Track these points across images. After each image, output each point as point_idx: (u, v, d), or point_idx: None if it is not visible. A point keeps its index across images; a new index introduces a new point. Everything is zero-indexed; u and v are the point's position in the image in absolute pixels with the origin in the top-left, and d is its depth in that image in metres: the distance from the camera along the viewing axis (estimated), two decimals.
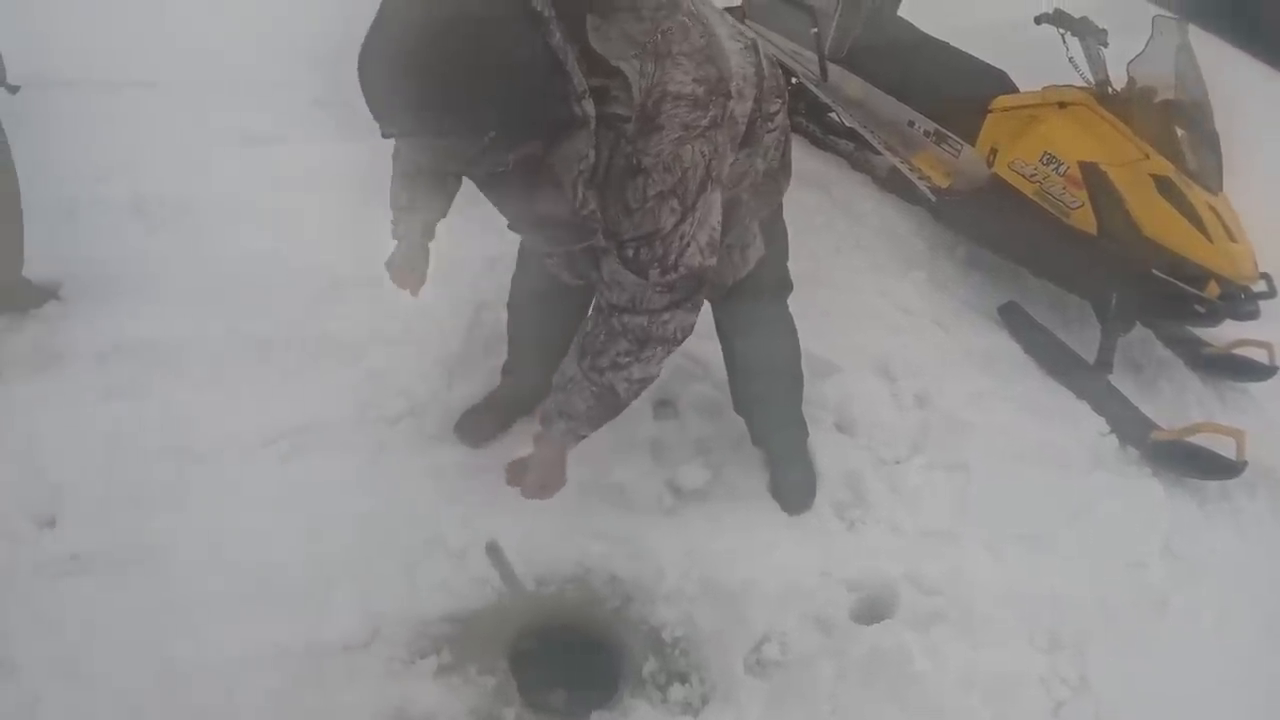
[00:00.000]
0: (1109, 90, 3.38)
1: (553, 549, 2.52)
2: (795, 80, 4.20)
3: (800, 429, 2.80)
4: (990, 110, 3.64)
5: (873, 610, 2.54)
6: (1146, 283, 3.21)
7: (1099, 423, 3.21)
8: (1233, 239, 3.15)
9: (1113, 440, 3.14)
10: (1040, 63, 3.51)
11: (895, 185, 4.17)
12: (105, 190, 3.37)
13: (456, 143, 1.46)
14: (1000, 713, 2.33)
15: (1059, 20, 3.39)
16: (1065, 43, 3.43)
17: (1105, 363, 3.35)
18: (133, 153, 3.53)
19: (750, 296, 2.27)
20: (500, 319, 2.72)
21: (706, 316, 2.36)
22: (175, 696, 2.12)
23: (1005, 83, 3.77)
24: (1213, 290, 3.13)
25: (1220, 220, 3.15)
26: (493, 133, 1.43)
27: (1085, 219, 3.32)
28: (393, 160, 2.15)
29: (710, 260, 1.75)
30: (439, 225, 2.28)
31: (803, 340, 2.59)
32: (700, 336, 2.44)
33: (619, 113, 1.53)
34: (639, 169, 1.57)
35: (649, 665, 2.40)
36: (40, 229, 3.00)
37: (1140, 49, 3.31)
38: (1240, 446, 2.97)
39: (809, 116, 4.48)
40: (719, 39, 1.69)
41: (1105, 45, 3.36)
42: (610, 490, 2.67)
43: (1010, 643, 2.49)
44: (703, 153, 1.60)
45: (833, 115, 4.34)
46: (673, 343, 1.84)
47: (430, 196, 2.20)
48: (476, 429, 2.74)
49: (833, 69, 4.08)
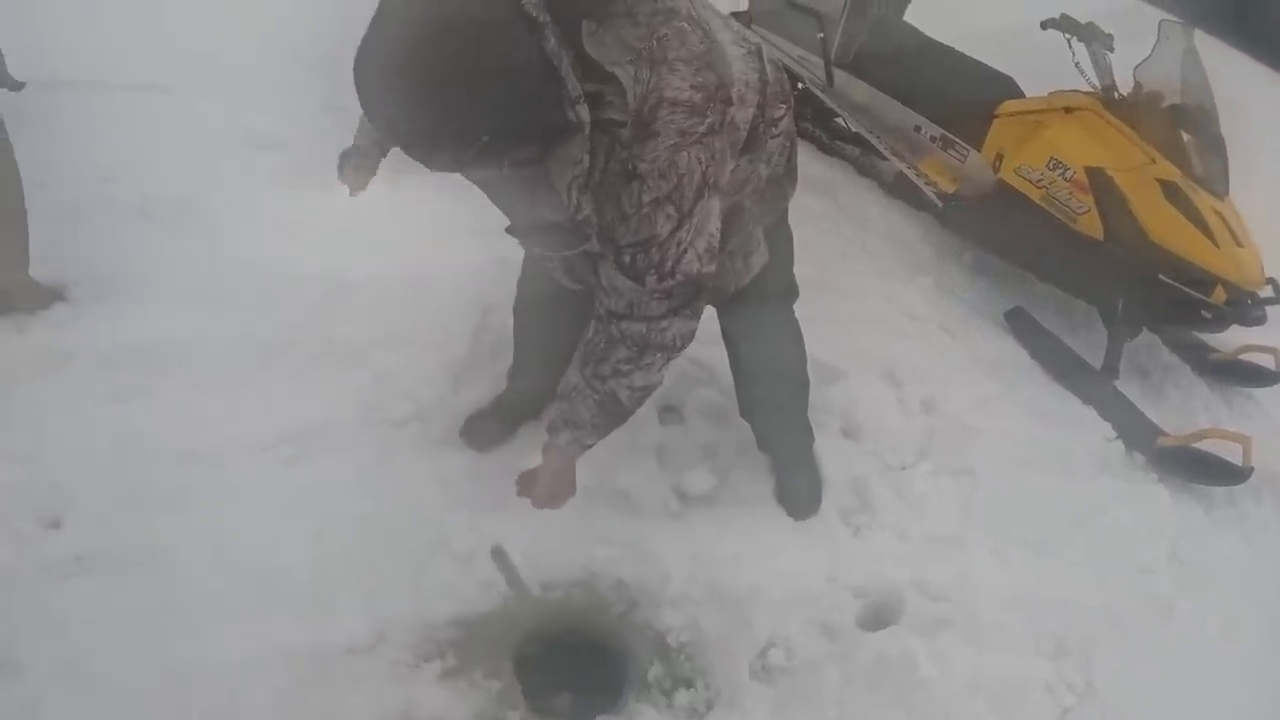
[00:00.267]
0: (1115, 95, 3.38)
1: (558, 553, 2.52)
2: (801, 85, 4.21)
3: (806, 434, 2.79)
4: (996, 115, 3.64)
5: (879, 616, 2.53)
6: (1153, 288, 3.21)
7: (1105, 428, 3.20)
8: (1239, 244, 3.15)
9: (1119, 446, 3.14)
10: (1046, 68, 3.51)
11: (901, 190, 4.17)
12: (112, 192, 3.38)
13: (449, 145, 1.45)
14: (1006, 719, 2.33)
15: (1065, 25, 3.39)
16: (1071, 48, 3.43)
17: (1112, 368, 3.35)
18: (140, 155, 3.53)
19: (755, 302, 2.27)
20: (506, 323, 2.72)
21: (712, 322, 2.36)
22: (179, 698, 2.12)
23: (1011, 88, 3.77)
24: (1219, 295, 3.13)
25: (1226, 225, 3.15)
26: (486, 136, 1.43)
27: (1092, 224, 3.31)
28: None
29: (709, 267, 1.74)
30: (448, 230, 2.28)
31: (808, 345, 2.58)
32: (705, 342, 2.44)
33: (614, 118, 1.52)
34: (634, 175, 1.57)
35: (654, 670, 2.40)
36: (47, 230, 3.01)
37: (1146, 54, 3.32)
38: (1246, 452, 2.97)
39: (815, 122, 4.49)
40: (720, 45, 1.68)
41: (1111, 50, 3.36)
42: (616, 495, 2.67)
43: (1016, 648, 2.48)
44: (699, 159, 1.59)
45: (839, 120, 4.35)
46: (672, 350, 1.83)
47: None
48: (482, 433, 2.74)
49: (839, 74, 4.09)
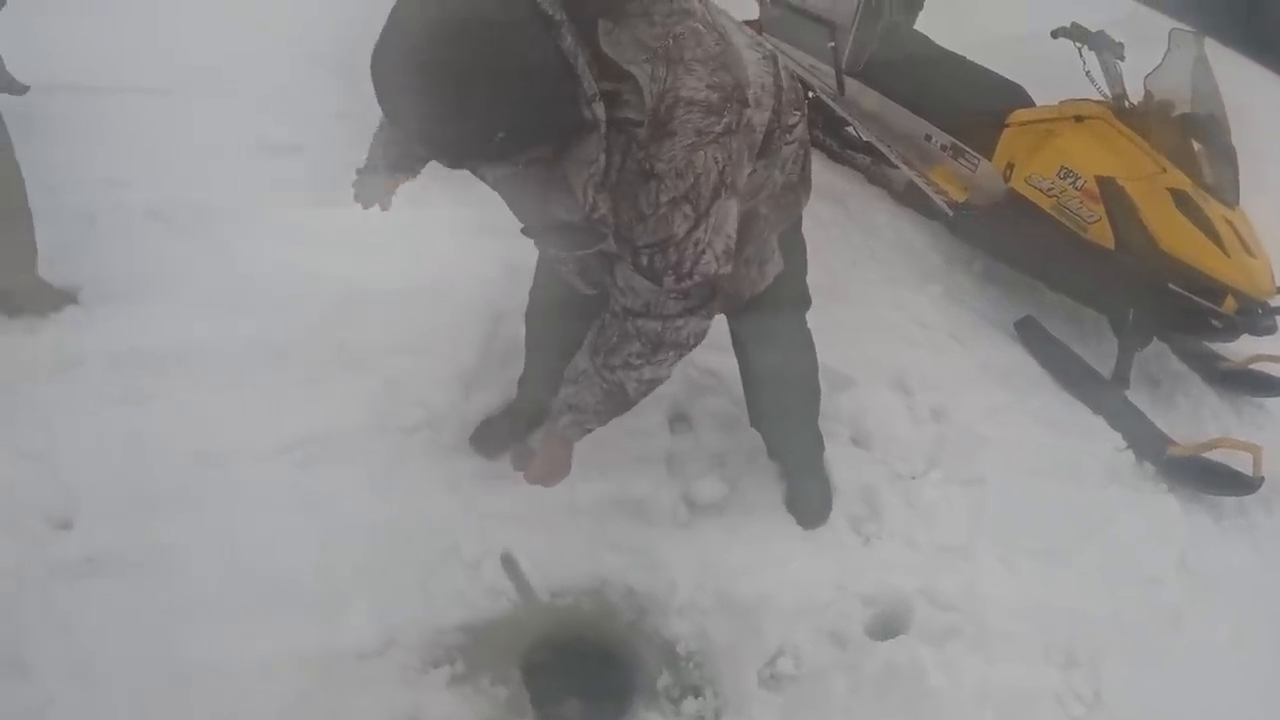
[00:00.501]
0: (1126, 104, 3.38)
1: (568, 561, 2.52)
2: (812, 94, 4.20)
3: (816, 443, 2.79)
4: (1007, 124, 3.64)
5: (887, 625, 2.54)
6: (1163, 297, 3.21)
7: (1115, 438, 3.20)
8: (1250, 253, 3.14)
9: (1129, 455, 3.14)
10: (1057, 76, 3.50)
11: (912, 199, 4.17)
12: (125, 196, 3.39)
13: (465, 142, 1.47)
14: None
15: (1075, 34, 3.39)
16: (1082, 56, 3.43)
17: (1122, 378, 3.34)
18: (153, 160, 3.54)
19: (769, 310, 2.27)
20: (517, 331, 2.72)
21: (722, 329, 2.36)
22: (188, 701, 2.13)
23: (1022, 97, 3.77)
24: (1230, 305, 3.13)
25: (1237, 234, 3.15)
26: (502, 133, 1.44)
27: (1102, 233, 3.31)
28: (380, 123, 2.16)
29: (725, 268, 1.74)
30: (458, 237, 2.29)
31: (819, 354, 2.59)
32: (716, 350, 2.45)
33: (630, 117, 1.53)
34: (651, 174, 1.57)
35: (663, 678, 2.41)
36: (60, 234, 3.02)
37: (1157, 62, 3.31)
38: (1257, 462, 2.96)
39: (826, 130, 4.48)
40: (735, 47, 1.68)
41: (1122, 59, 3.36)
42: (626, 503, 2.67)
43: (1025, 658, 2.48)
44: (716, 159, 1.59)
45: (849, 129, 4.35)
46: (685, 348, 1.84)
47: (406, 163, 2.19)
48: (493, 440, 2.74)
49: (850, 83, 4.09)
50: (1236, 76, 3.58)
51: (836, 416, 2.97)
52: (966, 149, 3.81)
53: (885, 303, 3.63)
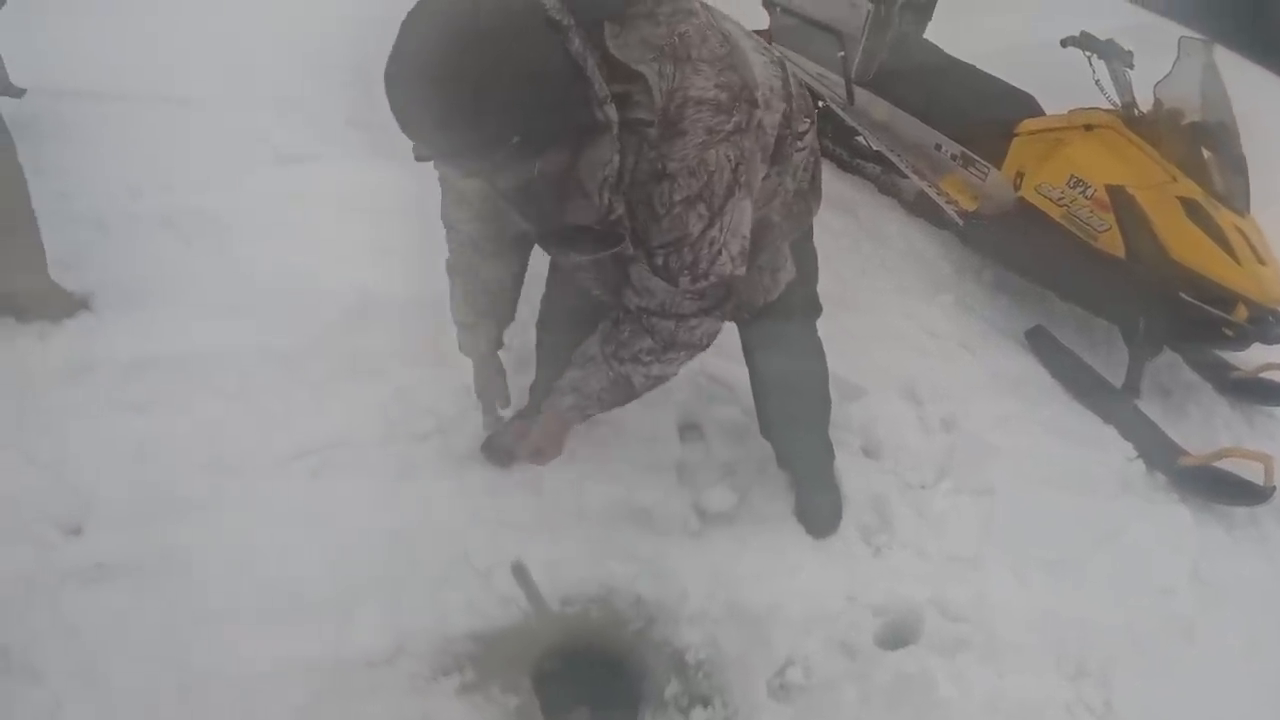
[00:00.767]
0: (1135, 112, 3.38)
1: (578, 569, 2.52)
2: (822, 104, 4.22)
3: (827, 452, 2.79)
4: (1017, 133, 3.65)
5: (897, 635, 2.53)
6: (1174, 306, 3.20)
7: (1126, 448, 3.19)
8: (1261, 261, 3.14)
9: (1140, 465, 3.13)
10: (1066, 85, 3.51)
11: (922, 209, 4.18)
12: (137, 204, 3.40)
13: (480, 149, 1.48)
14: None
15: (1085, 43, 3.39)
16: (1091, 65, 3.43)
17: (1133, 387, 3.34)
18: (166, 167, 3.56)
19: (779, 319, 2.27)
20: (529, 339, 2.72)
21: (733, 339, 2.37)
22: (197, 708, 2.13)
23: (1031, 106, 3.77)
24: (1241, 313, 3.12)
25: (1248, 242, 3.15)
26: (516, 139, 1.46)
27: (1113, 242, 3.31)
28: (448, 272, 2.21)
29: (740, 269, 1.75)
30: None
31: (829, 363, 2.59)
32: (727, 359, 2.46)
33: (642, 117, 1.55)
34: (664, 174, 1.59)
35: (672, 687, 2.40)
36: (71, 240, 3.04)
37: (1166, 71, 3.31)
38: (1269, 472, 2.96)
39: (835, 140, 4.49)
40: (742, 50, 1.70)
41: (1131, 67, 3.36)
42: (636, 512, 2.66)
43: (1036, 669, 2.47)
44: (728, 157, 1.60)
45: (859, 139, 4.36)
46: (698, 348, 1.86)
47: (493, 305, 2.26)
48: (504, 449, 2.74)
49: (859, 92, 4.10)
50: (1246, 84, 3.57)
51: (847, 426, 2.97)
52: (976, 158, 3.81)
53: (896, 312, 3.62)
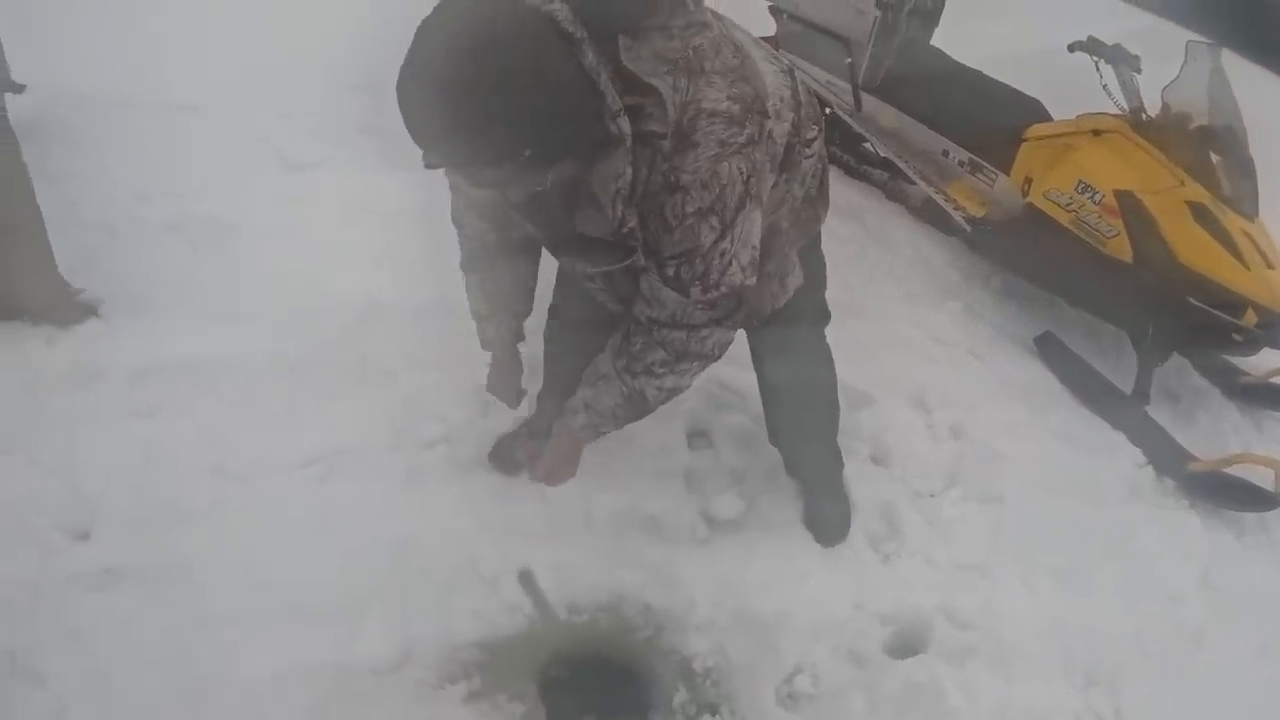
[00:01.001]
0: (1143, 117, 3.37)
1: (586, 577, 2.52)
2: (829, 110, 4.21)
3: (835, 460, 2.78)
4: (1024, 139, 3.64)
5: (906, 644, 2.52)
6: (1183, 311, 3.19)
7: (1135, 454, 3.18)
8: (1269, 266, 3.12)
9: (1149, 472, 3.12)
10: (1074, 90, 3.50)
11: (930, 215, 4.17)
12: (146, 210, 3.42)
13: (494, 161, 1.48)
14: None
15: (1092, 48, 3.38)
16: (1099, 70, 3.42)
17: (1142, 393, 3.33)
18: (174, 173, 3.58)
19: (788, 326, 2.27)
20: (537, 347, 2.72)
21: (742, 347, 2.36)
22: (202, 713, 2.13)
23: (1039, 111, 3.77)
24: (1250, 318, 3.10)
25: (1257, 247, 3.13)
26: (529, 152, 1.46)
27: (1121, 247, 3.30)
28: (462, 269, 2.21)
29: (750, 279, 1.76)
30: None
31: (837, 371, 2.58)
32: (736, 366, 2.45)
33: (655, 130, 1.55)
34: (677, 186, 1.59)
35: (679, 695, 2.39)
36: (80, 247, 3.07)
37: (1174, 75, 3.31)
38: (1279, 477, 2.93)
39: (843, 146, 4.49)
40: (753, 60, 1.71)
41: (1138, 72, 3.35)
42: (644, 520, 2.66)
43: (1045, 677, 2.46)
44: (740, 169, 1.61)
45: (867, 145, 4.36)
46: (710, 358, 1.86)
47: (509, 298, 2.25)
48: (511, 456, 2.74)
49: (866, 99, 4.09)
50: (1254, 87, 3.56)
51: (856, 434, 2.97)
52: (984, 164, 3.81)
53: (904, 319, 3.62)
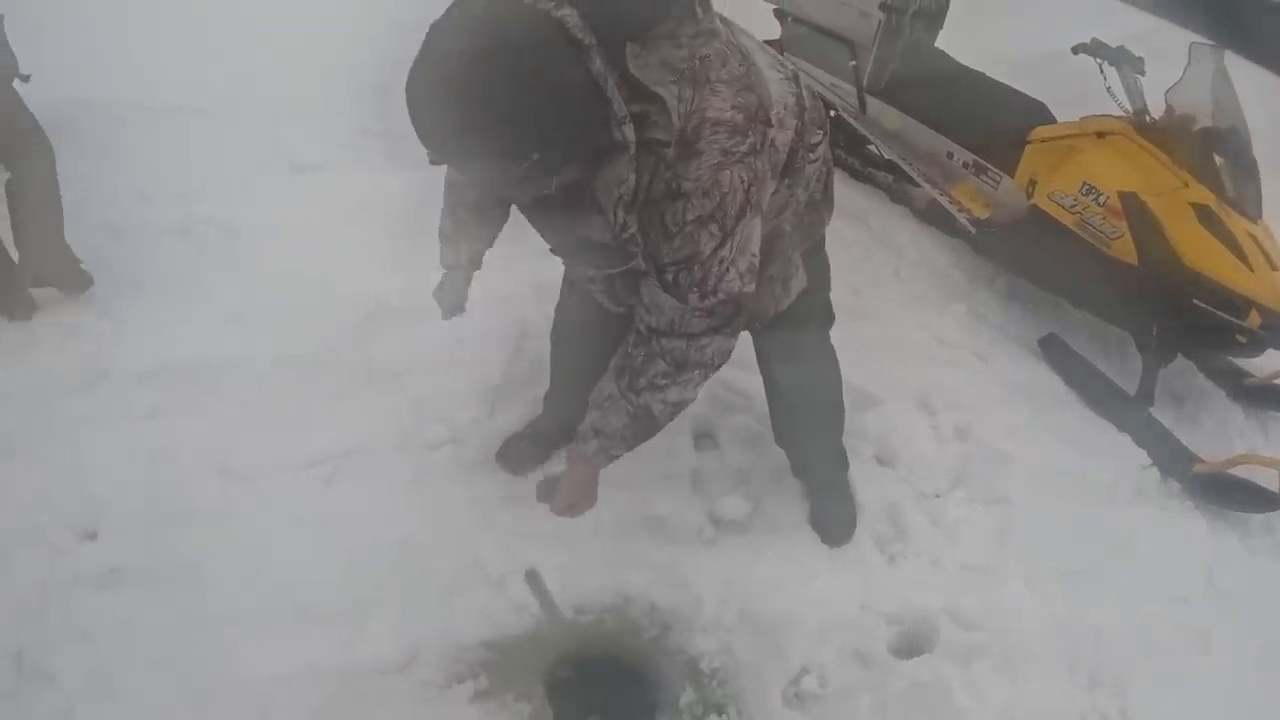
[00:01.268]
0: (1147, 119, 3.37)
1: (592, 577, 2.53)
2: (834, 113, 4.22)
3: (841, 461, 2.79)
4: (1029, 141, 3.64)
5: (912, 644, 2.52)
6: (1187, 313, 3.19)
7: (1140, 455, 3.17)
8: (1274, 267, 3.12)
9: (1154, 473, 3.11)
10: (1078, 93, 3.50)
11: (934, 217, 4.17)
12: (152, 212, 3.45)
13: (499, 166, 1.49)
14: None
15: (1096, 50, 3.38)
16: (1103, 72, 3.42)
17: (1146, 394, 3.32)
18: (180, 176, 3.60)
19: (792, 328, 2.27)
20: (543, 348, 2.74)
21: (748, 348, 2.37)
22: (209, 713, 2.15)
23: (1043, 113, 3.77)
24: (1254, 320, 3.10)
25: (1261, 248, 3.13)
26: (535, 156, 1.47)
27: (1125, 249, 3.30)
28: (444, 193, 2.20)
29: (749, 286, 1.76)
30: (487, 254, 2.32)
31: (842, 372, 2.58)
32: (742, 368, 2.46)
33: (659, 138, 1.55)
34: (678, 193, 1.59)
35: (686, 695, 2.39)
36: (87, 248, 3.10)
37: (1177, 77, 3.30)
38: None
39: (848, 149, 4.49)
40: (759, 68, 1.72)
41: (1142, 74, 3.35)
42: (651, 521, 2.67)
43: (1050, 678, 2.45)
44: (742, 178, 1.61)
45: (871, 147, 4.35)
46: (710, 367, 1.85)
47: (476, 227, 2.24)
48: (518, 457, 2.75)
49: (871, 101, 4.10)
50: (1257, 89, 3.56)
51: (861, 435, 2.97)
52: (989, 166, 3.81)
53: (908, 321, 3.62)
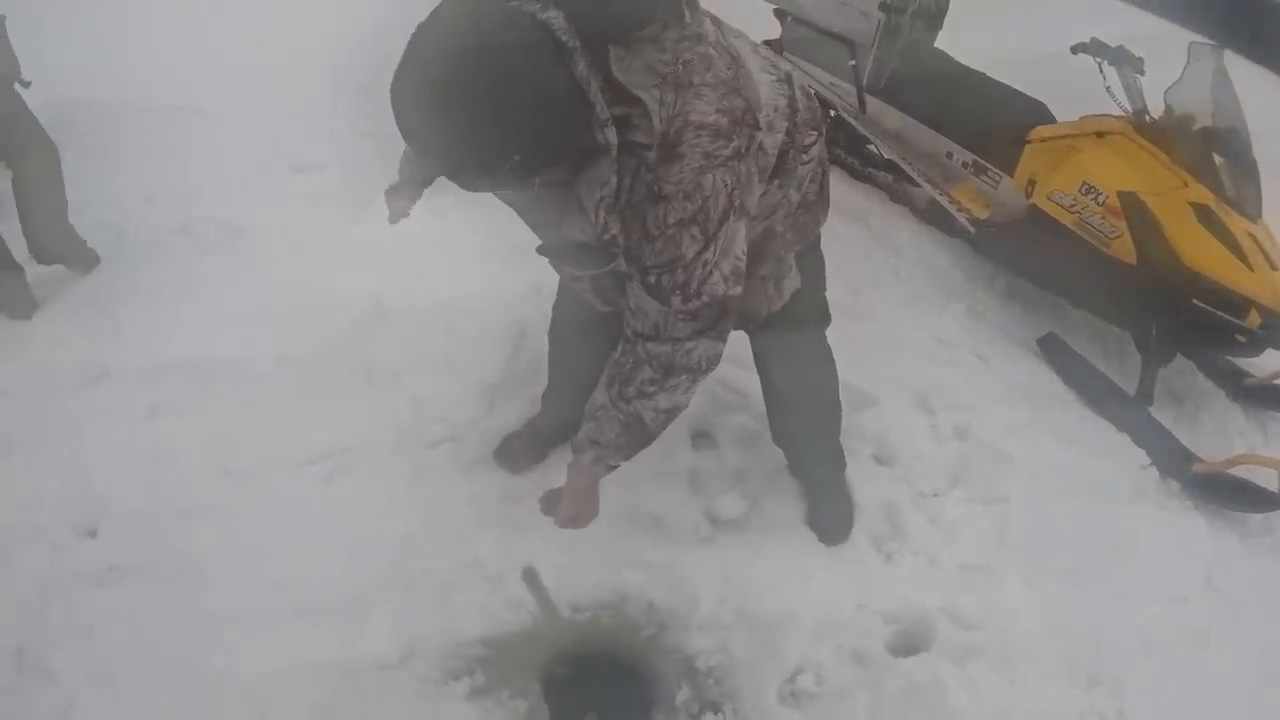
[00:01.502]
0: (1146, 119, 3.36)
1: (589, 576, 2.53)
2: (833, 113, 4.22)
3: (838, 460, 2.79)
4: (1028, 141, 3.63)
5: (909, 643, 2.52)
6: (1187, 312, 3.18)
7: (1139, 455, 3.17)
8: (1273, 267, 3.11)
9: (1153, 473, 3.11)
10: (1077, 92, 3.50)
11: (934, 217, 4.17)
12: (153, 212, 3.46)
13: (481, 165, 1.49)
14: None
15: (1095, 49, 3.38)
16: (1102, 72, 3.42)
17: (1146, 394, 3.32)
18: (182, 176, 3.61)
19: (787, 328, 2.27)
20: (541, 347, 2.74)
21: (745, 347, 2.37)
22: (208, 709, 2.16)
23: (1043, 113, 3.77)
24: (1254, 319, 3.09)
25: (1260, 248, 3.12)
26: (516, 157, 1.47)
27: (1124, 249, 3.30)
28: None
29: (734, 290, 1.76)
30: (486, 254, 2.32)
31: (841, 371, 2.58)
32: (739, 367, 2.46)
33: (640, 141, 1.55)
34: (660, 196, 1.59)
35: (682, 694, 2.40)
36: (93, 246, 3.10)
37: (1177, 77, 3.30)
38: None
39: (847, 149, 4.50)
40: (748, 71, 1.71)
41: (1142, 73, 3.34)
42: (648, 519, 2.68)
43: (1048, 678, 2.45)
44: (725, 182, 1.61)
45: (871, 147, 4.35)
46: (698, 372, 1.85)
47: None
48: (516, 455, 2.76)
49: (871, 101, 4.10)
50: (1257, 89, 3.56)
51: (859, 434, 2.97)
52: (988, 166, 3.81)
53: (908, 321, 3.62)
